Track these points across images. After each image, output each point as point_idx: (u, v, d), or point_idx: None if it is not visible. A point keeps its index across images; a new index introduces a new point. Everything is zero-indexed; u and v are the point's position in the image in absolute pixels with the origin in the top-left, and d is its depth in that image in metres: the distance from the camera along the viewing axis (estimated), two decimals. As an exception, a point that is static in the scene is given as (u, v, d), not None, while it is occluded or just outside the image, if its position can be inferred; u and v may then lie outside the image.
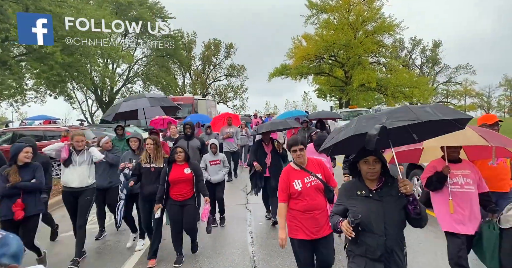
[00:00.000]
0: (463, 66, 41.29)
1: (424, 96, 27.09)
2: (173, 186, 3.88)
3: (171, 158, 3.91)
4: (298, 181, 2.78)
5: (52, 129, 10.24)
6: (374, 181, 2.10)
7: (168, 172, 3.87)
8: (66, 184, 4.21)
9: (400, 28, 26.06)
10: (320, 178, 2.83)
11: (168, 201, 3.90)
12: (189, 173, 3.88)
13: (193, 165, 4.01)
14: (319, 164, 2.97)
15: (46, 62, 16.72)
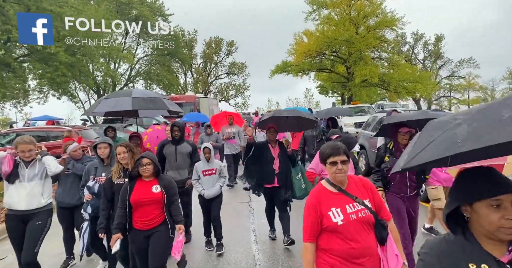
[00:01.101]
0: (466, 60, 40.89)
1: (427, 91, 26.88)
2: (136, 210, 2.90)
3: (133, 172, 2.93)
4: (337, 210, 1.88)
5: (55, 130, 10.31)
6: (505, 242, 1.08)
7: (130, 190, 2.89)
8: (10, 206, 3.28)
9: (402, 22, 25.84)
10: (369, 206, 1.94)
11: (131, 230, 2.92)
12: (158, 191, 2.91)
13: (165, 180, 3.03)
14: (365, 184, 2.04)
15: (50, 63, 16.81)
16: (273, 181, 4.17)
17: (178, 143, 4.44)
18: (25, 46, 17.91)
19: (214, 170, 4.28)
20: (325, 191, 1.99)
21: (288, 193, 4.18)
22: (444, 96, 43.80)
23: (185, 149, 4.45)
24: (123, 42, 30.78)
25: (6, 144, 9.91)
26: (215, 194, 4.23)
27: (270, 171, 4.18)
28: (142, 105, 4.36)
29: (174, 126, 4.41)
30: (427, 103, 40.81)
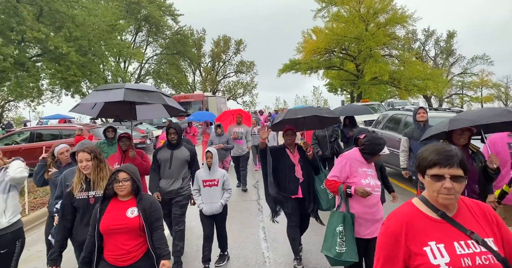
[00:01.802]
0: (479, 57, 39.98)
1: (438, 89, 26.42)
2: (107, 240, 2.23)
3: (108, 189, 2.27)
4: (439, 247, 1.22)
5: (67, 128, 10.51)
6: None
7: (100, 214, 2.23)
8: None
9: (413, 19, 25.42)
10: (495, 249, 1.23)
11: (99, 264, 2.23)
12: (134, 216, 2.21)
13: (145, 201, 2.30)
14: (487, 213, 1.33)
15: (62, 63, 17.13)
16: (297, 191, 3.56)
17: (175, 148, 3.81)
18: (38, 46, 18.27)
19: (216, 181, 3.66)
20: (419, 214, 1.31)
21: (312, 205, 3.62)
22: (456, 94, 42.96)
23: (181, 154, 3.81)
24: (133, 41, 31.12)
25: (21, 142, 10.16)
26: (216, 211, 3.64)
27: (293, 180, 3.56)
28: (136, 97, 3.57)
29: (170, 129, 3.78)
30: (438, 101, 40.12)
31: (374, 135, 2.78)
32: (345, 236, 2.59)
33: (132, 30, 30.43)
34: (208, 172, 3.69)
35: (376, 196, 2.73)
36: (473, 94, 42.35)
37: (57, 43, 15.77)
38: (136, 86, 3.72)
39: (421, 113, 4.67)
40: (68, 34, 17.11)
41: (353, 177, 2.73)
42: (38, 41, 16.57)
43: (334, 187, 2.78)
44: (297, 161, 3.62)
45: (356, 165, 2.74)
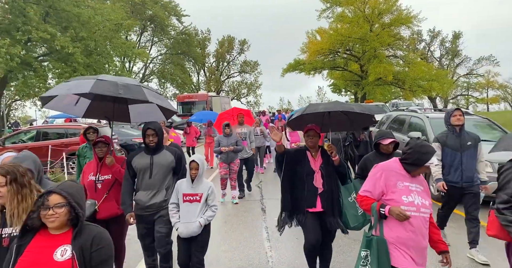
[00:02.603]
0: (485, 58, 39.72)
1: (443, 90, 26.28)
2: None
3: (31, 219, 1.55)
4: None
5: (73, 127, 10.62)
6: None
7: (17, 255, 1.54)
8: None
9: (418, 19, 25.32)
10: None
11: None
12: (65, 259, 1.52)
13: (87, 237, 1.59)
14: None
15: (69, 63, 17.30)
16: (315, 204, 2.99)
17: (155, 152, 3.08)
18: (45, 46, 18.46)
19: (199, 196, 2.96)
20: None
21: (335, 221, 3.01)
22: (461, 95, 42.66)
23: (164, 160, 3.08)
24: (138, 41, 31.33)
25: (27, 141, 10.29)
26: (190, 234, 2.94)
27: (311, 190, 3.00)
28: (108, 90, 2.76)
29: (148, 130, 3.01)
30: (443, 102, 39.86)
31: (418, 142, 2.24)
32: (371, 264, 2.14)
33: (137, 30, 30.64)
34: (191, 184, 2.98)
35: (422, 218, 2.15)
36: (479, 96, 42.06)
37: (63, 43, 15.92)
38: (113, 78, 2.98)
39: (457, 115, 3.76)
40: (75, 34, 17.27)
41: (391, 193, 2.20)
42: (44, 41, 16.74)
43: (366, 204, 2.28)
44: (318, 167, 3.03)
45: (394, 178, 2.22)
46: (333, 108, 3.03)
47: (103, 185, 3.16)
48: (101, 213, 3.10)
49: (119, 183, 3.17)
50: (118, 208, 3.11)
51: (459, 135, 3.77)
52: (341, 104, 3.14)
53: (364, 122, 3.68)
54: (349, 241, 4.15)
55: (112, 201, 3.15)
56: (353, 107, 3.05)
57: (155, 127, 3.04)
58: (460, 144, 3.73)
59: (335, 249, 3.39)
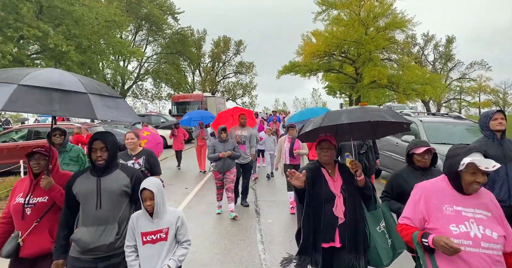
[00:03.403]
0: (477, 62, 40.34)
1: (436, 94, 26.60)
2: None
3: None
4: None
5: (65, 126, 10.47)
6: None
7: None
8: None
9: (412, 24, 25.59)
10: None
11: None
12: None
13: None
14: None
15: (62, 62, 17.08)
16: (333, 237, 2.32)
17: (104, 173, 2.27)
18: (38, 44, 18.22)
19: (164, 232, 2.18)
20: None
21: (360, 259, 2.30)
22: (454, 99, 43.22)
23: (117, 183, 2.27)
24: (133, 40, 31.12)
25: (18, 140, 10.12)
26: None
27: (329, 219, 2.31)
28: (33, 106, 1.90)
29: (95, 142, 2.22)
30: (436, 105, 40.33)
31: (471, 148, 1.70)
32: None
33: (132, 29, 30.43)
34: (150, 219, 2.16)
35: (486, 257, 1.57)
36: (471, 100, 42.65)
37: (56, 41, 15.73)
38: (46, 78, 1.96)
39: (498, 119, 2.99)
40: (67, 31, 17.09)
41: (434, 219, 1.70)
42: (37, 39, 16.53)
43: (406, 234, 1.80)
44: (338, 190, 2.35)
45: (437, 201, 1.72)
46: (361, 118, 2.19)
47: (34, 210, 2.32)
48: (26, 249, 2.26)
49: (57, 209, 2.36)
50: (52, 242, 2.26)
51: (500, 142, 2.98)
52: (369, 113, 2.24)
53: (392, 130, 2.77)
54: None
55: (44, 232, 2.31)
56: (386, 116, 2.23)
57: (105, 139, 2.24)
58: (503, 153, 2.94)
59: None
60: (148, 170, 3.79)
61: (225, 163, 5.47)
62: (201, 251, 4.25)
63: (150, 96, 35.60)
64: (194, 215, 5.73)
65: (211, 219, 5.48)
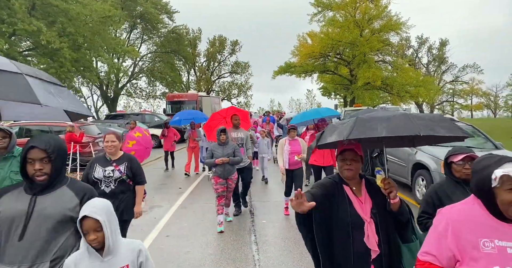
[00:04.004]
0: (470, 65, 40.97)
1: (430, 96, 26.89)
2: None
3: None
4: None
5: (58, 124, 10.33)
6: None
7: None
8: None
9: (407, 26, 25.83)
10: None
11: None
12: None
13: None
14: None
15: (55, 58, 16.87)
16: None
17: (43, 191, 1.72)
18: (30, 41, 17.97)
19: None
20: None
21: None
22: (447, 101, 43.77)
23: (58, 205, 1.72)
24: (127, 38, 30.87)
25: None
26: None
27: (359, 253, 1.75)
28: None
29: (32, 150, 1.71)
30: (429, 107, 40.79)
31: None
32: None
33: (127, 27, 30.19)
34: (98, 258, 1.57)
35: None
36: (464, 102, 43.26)
37: (49, 38, 15.52)
38: None
39: None
40: (62, 29, 16.87)
41: (470, 260, 1.25)
42: (29, 35, 16.29)
43: None
44: (368, 213, 1.77)
45: (471, 234, 1.27)
46: (406, 130, 1.61)
47: None
48: None
49: None
50: None
51: None
52: (416, 122, 1.64)
53: (438, 139, 2.03)
54: None
55: None
56: (437, 129, 1.62)
57: (46, 147, 1.68)
58: None
59: None
60: (131, 178, 3.24)
61: (225, 168, 4.89)
62: (194, 251, 4.22)
63: (144, 95, 35.36)
64: (188, 215, 5.70)
65: (205, 219, 5.46)
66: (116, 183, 3.14)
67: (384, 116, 1.75)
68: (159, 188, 7.85)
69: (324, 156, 5.68)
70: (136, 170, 3.26)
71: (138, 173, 3.28)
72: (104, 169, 3.13)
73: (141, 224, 5.23)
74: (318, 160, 5.67)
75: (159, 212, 5.86)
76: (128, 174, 3.21)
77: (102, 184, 3.11)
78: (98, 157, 3.28)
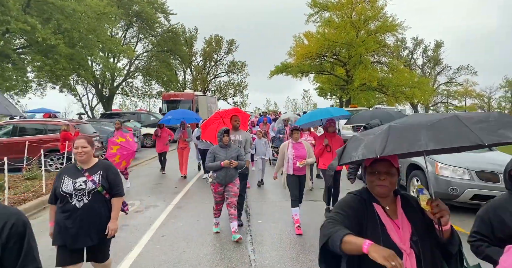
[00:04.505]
0: (464, 67, 41.40)
1: (424, 97, 27.14)
2: None
3: None
4: None
5: (53, 123, 10.25)
6: None
7: None
8: None
9: (402, 27, 26.03)
10: None
11: None
12: None
13: None
14: None
15: (50, 55, 16.69)
16: None
17: None
18: (24, 38, 17.77)
19: None
20: None
21: None
22: (441, 102, 44.17)
23: None
24: (123, 37, 30.68)
25: (2, 136, 9.85)
26: None
27: None
28: None
29: None
30: (424, 108, 41.13)
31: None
32: None
33: (122, 26, 29.99)
34: None
35: None
36: (458, 103, 43.68)
37: (44, 35, 15.36)
38: None
39: None
40: (57, 25, 16.71)
41: None
42: (24, 33, 16.11)
43: None
44: (407, 242, 1.40)
45: None
46: (461, 140, 1.25)
47: None
48: None
49: None
50: None
51: None
52: (473, 126, 1.27)
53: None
54: None
55: None
56: (507, 133, 1.24)
57: None
58: None
59: None
60: (107, 190, 2.78)
61: (227, 173, 4.51)
62: (190, 251, 4.22)
63: (140, 94, 35.15)
64: (184, 214, 5.69)
65: (201, 219, 5.45)
66: (89, 195, 2.67)
67: (426, 121, 1.34)
68: (154, 187, 7.82)
69: (334, 158, 5.05)
70: (113, 180, 2.81)
71: (116, 183, 2.83)
72: (75, 181, 2.67)
73: (136, 224, 5.22)
74: (327, 163, 5.31)
75: (155, 212, 5.85)
76: (104, 184, 2.75)
77: (73, 198, 2.64)
78: (67, 167, 2.83)
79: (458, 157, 5.79)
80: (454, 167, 5.53)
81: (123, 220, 5.40)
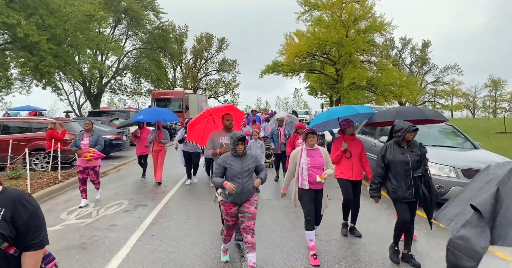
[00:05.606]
0: (450, 67, 42.30)
1: (412, 96, 27.58)
2: None
3: None
4: None
5: (38, 121, 10.01)
6: None
7: None
8: None
9: (391, 27, 26.36)
10: None
11: None
12: None
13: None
14: None
15: (35, 52, 16.25)
16: None
17: None
18: (7, 34, 17.27)
19: None
20: None
21: None
22: (428, 101, 44.99)
23: None
24: (111, 34, 30.15)
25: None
26: None
27: None
28: None
29: None
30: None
31: None
32: None
33: (111, 23, 29.44)
34: None
35: None
36: (444, 102, 44.59)
37: (27, 30, 14.94)
38: None
39: None
40: (41, 21, 16.27)
41: None
42: (7, 28, 15.64)
43: None
44: None
45: None
46: None
47: None
48: None
49: None
50: None
51: None
52: None
53: None
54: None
55: None
56: None
57: None
58: None
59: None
60: (10, 241, 1.58)
61: (244, 188, 3.44)
62: (179, 251, 4.19)
63: (129, 92, 34.65)
64: (173, 214, 5.64)
65: (190, 218, 5.42)
66: None
67: None
68: (143, 186, 7.73)
69: (353, 167, 4.33)
70: (26, 221, 1.60)
71: (30, 227, 1.61)
72: None
73: (125, 224, 5.15)
74: (345, 172, 4.38)
75: (144, 211, 5.78)
76: (5, 231, 1.55)
77: None
78: None
79: (444, 155, 5.90)
80: (440, 165, 5.63)
81: (112, 220, 5.33)
